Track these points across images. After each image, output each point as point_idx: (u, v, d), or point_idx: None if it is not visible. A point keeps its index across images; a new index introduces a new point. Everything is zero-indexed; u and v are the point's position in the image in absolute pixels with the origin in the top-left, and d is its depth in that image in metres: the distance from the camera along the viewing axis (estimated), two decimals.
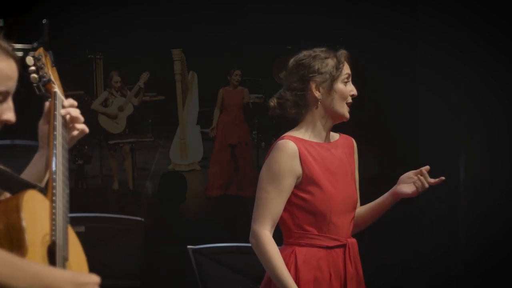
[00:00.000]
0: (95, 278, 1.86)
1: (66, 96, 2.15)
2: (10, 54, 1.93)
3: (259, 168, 3.09)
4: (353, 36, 7.20)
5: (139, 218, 4.44)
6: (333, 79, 2.98)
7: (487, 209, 6.46)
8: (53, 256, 1.87)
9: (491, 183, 6.50)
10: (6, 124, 1.95)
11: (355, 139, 3.21)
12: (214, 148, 8.13)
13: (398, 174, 3.10)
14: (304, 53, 3.05)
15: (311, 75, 2.99)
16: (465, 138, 6.69)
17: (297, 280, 2.93)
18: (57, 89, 2.12)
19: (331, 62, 3.00)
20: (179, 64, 8.09)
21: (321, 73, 2.98)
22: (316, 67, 2.99)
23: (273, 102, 3.07)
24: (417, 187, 3.07)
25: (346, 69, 3.03)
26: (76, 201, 2.05)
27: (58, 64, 2.21)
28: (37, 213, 1.87)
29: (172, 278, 6.05)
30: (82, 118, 2.14)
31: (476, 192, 6.57)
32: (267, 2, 7.48)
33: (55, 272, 1.80)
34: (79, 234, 2.00)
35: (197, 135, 8.35)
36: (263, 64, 8.07)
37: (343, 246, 3.00)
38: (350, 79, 3.04)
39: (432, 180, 3.05)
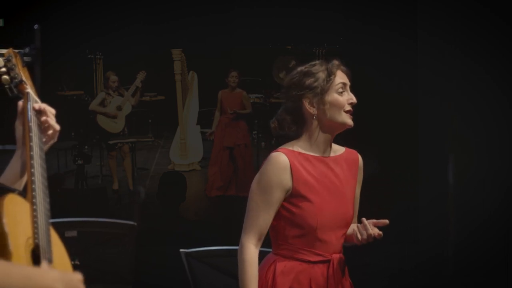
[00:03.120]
0: (79, 276, 1.88)
1: (67, 96, 2.15)
2: None
3: (259, 168, 3.08)
4: (353, 36, 7.19)
5: (131, 223, 4.42)
6: (324, 91, 2.97)
7: (484, 209, 6.46)
8: (37, 259, 1.86)
9: (488, 182, 6.50)
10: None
11: (355, 139, 3.21)
12: (213, 150, 8.13)
13: (398, 174, 3.10)
14: (298, 70, 3.05)
15: (302, 92, 2.99)
16: (463, 138, 6.69)
17: None
18: (29, 89, 2.08)
19: (321, 75, 2.99)
20: (179, 64, 8.08)
21: (312, 89, 2.98)
22: (307, 83, 2.99)
23: (274, 123, 3.08)
24: (355, 237, 2.96)
25: (340, 79, 3.00)
26: (76, 201, 2.04)
27: (58, 64, 2.20)
28: (18, 217, 1.85)
29: (168, 270, 6.05)
30: (57, 127, 2.11)
31: (473, 192, 6.57)
32: (267, 2, 7.48)
33: (45, 272, 1.82)
34: (71, 239, 1.99)
35: (197, 135, 8.35)
36: (263, 64, 8.06)
37: (327, 261, 2.98)
38: (346, 87, 3.01)
39: (372, 232, 2.92)
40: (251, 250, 2.93)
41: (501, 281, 6.39)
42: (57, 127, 2.11)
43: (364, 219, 2.95)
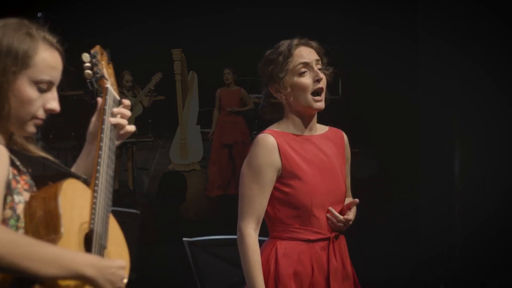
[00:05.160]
0: (120, 262, 1.88)
1: (67, 96, 2.17)
2: (55, 46, 1.96)
3: None
4: (353, 36, 7.19)
5: (134, 211, 4.42)
6: (283, 77, 2.96)
7: (484, 209, 6.46)
8: (89, 243, 1.89)
9: (488, 182, 6.51)
10: (51, 114, 1.98)
11: (355, 139, 3.20)
12: (212, 149, 8.12)
13: (398, 174, 3.09)
14: (265, 55, 3.07)
15: (268, 82, 3.01)
16: (463, 138, 6.70)
17: (276, 273, 2.91)
18: (109, 85, 2.16)
19: (280, 59, 2.99)
20: (179, 64, 8.07)
21: (272, 76, 2.98)
22: (269, 71, 3.00)
23: (260, 108, 3.11)
24: (328, 224, 2.99)
25: (300, 58, 2.98)
26: None
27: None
28: (76, 201, 1.91)
29: (168, 270, 6.04)
30: (126, 123, 2.19)
31: (473, 192, 6.58)
32: (267, 2, 7.48)
33: (75, 255, 1.82)
34: None
35: (197, 135, 8.34)
36: None
37: (327, 239, 2.97)
38: (310, 66, 2.98)
39: (342, 218, 2.96)
40: (251, 236, 2.90)
41: (501, 281, 6.39)
42: (132, 128, 2.20)
43: (330, 208, 2.95)
